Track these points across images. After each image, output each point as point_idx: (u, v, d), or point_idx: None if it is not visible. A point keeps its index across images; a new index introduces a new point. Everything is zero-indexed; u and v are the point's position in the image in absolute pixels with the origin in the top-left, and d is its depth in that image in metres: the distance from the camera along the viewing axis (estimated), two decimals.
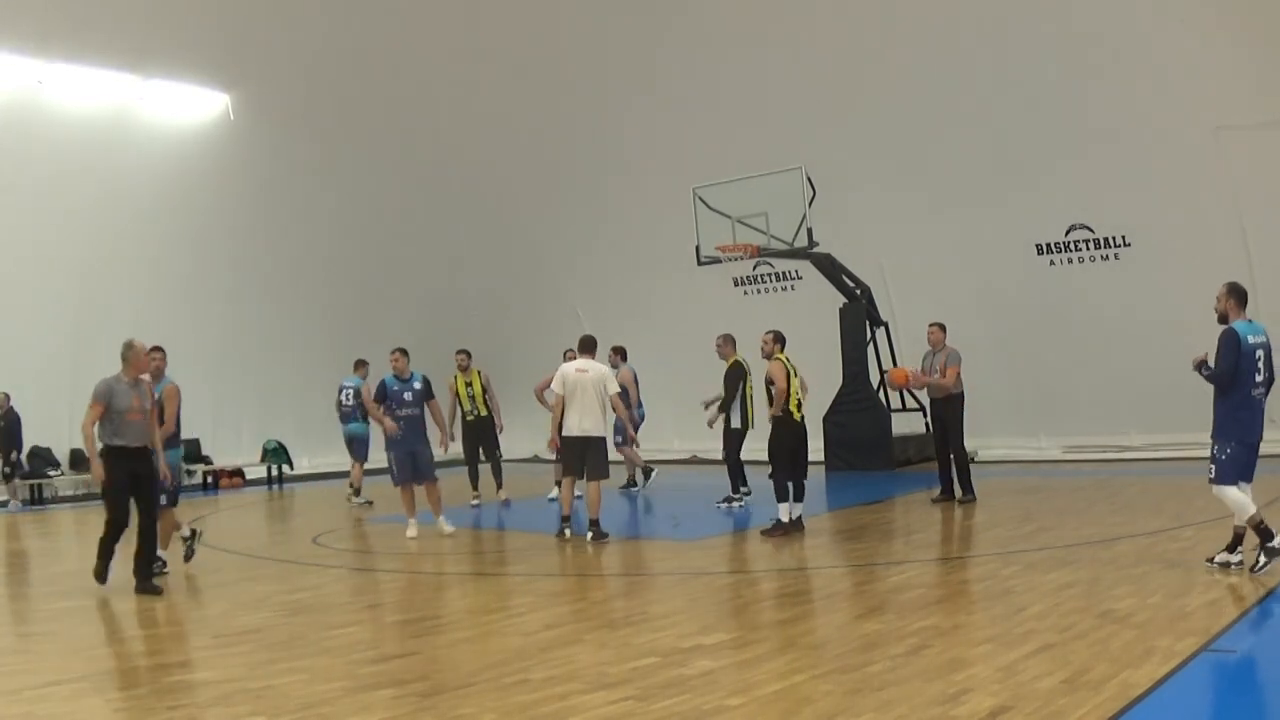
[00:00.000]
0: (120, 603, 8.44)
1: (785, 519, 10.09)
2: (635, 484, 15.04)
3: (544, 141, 21.68)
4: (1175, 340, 15.90)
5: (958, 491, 11.93)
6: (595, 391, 10.35)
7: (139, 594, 8.17)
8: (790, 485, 10.18)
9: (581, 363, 10.56)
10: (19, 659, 6.31)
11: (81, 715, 5.08)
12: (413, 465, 11.11)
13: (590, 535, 10.14)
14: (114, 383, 8.46)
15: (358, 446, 15.42)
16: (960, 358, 11.94)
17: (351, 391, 15.26)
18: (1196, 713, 4.56)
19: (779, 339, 10.72)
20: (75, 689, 5.51)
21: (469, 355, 14.37)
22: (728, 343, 12.64)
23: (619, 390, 10.85)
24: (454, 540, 10.96)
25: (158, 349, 9.53)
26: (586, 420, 10.28)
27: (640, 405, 14.52)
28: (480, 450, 14.38)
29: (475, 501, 14.06)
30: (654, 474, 15.20)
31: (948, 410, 11.92)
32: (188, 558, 9.49)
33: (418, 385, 11.31)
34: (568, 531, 10.36)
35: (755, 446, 12.27)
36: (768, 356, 10.61)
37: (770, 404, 10.45)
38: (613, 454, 11.21)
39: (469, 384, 14.16)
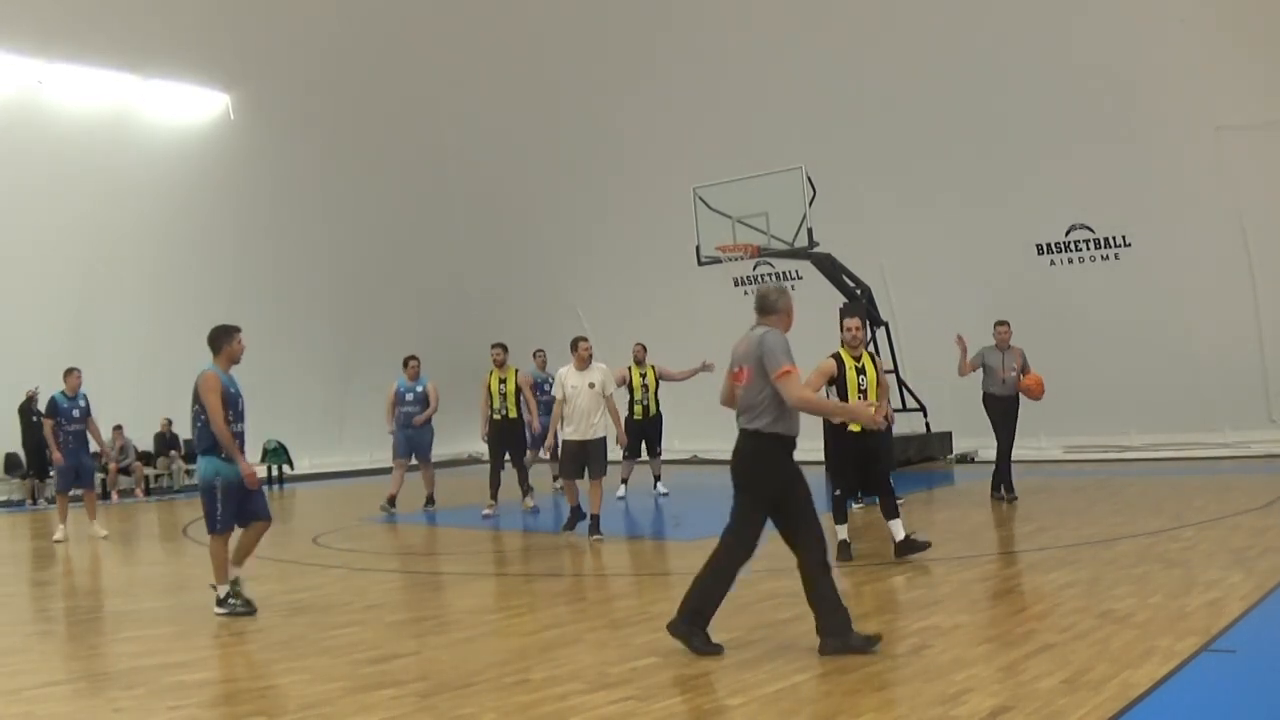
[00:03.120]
0: (120, 603, 8.44)
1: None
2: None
3: (544, 141, 21.69)
4: (1175, 340, 15.98)
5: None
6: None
7: (831, 653, 5.49)
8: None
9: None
10: (19, 659, 6.30)
11: (81, 715, 5.08)
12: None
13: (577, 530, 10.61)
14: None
15: None
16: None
17: None
18: (1196, 713, 4.56)
19: None
20: (75, 689, 5.51)
21: (505, 350, 13.12)
22: None
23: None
24: (454, 540, 10.98)
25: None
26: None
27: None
28: (507, 454, 12.97)
29: (488, 511, 12.64)
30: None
31: (1014, 409, 11.65)
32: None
33: (420, 388, 13.39)
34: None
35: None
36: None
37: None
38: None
39: (503, 380, 12.86)
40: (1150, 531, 9.04)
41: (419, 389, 13.56)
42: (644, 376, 13.88)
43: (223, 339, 7.40)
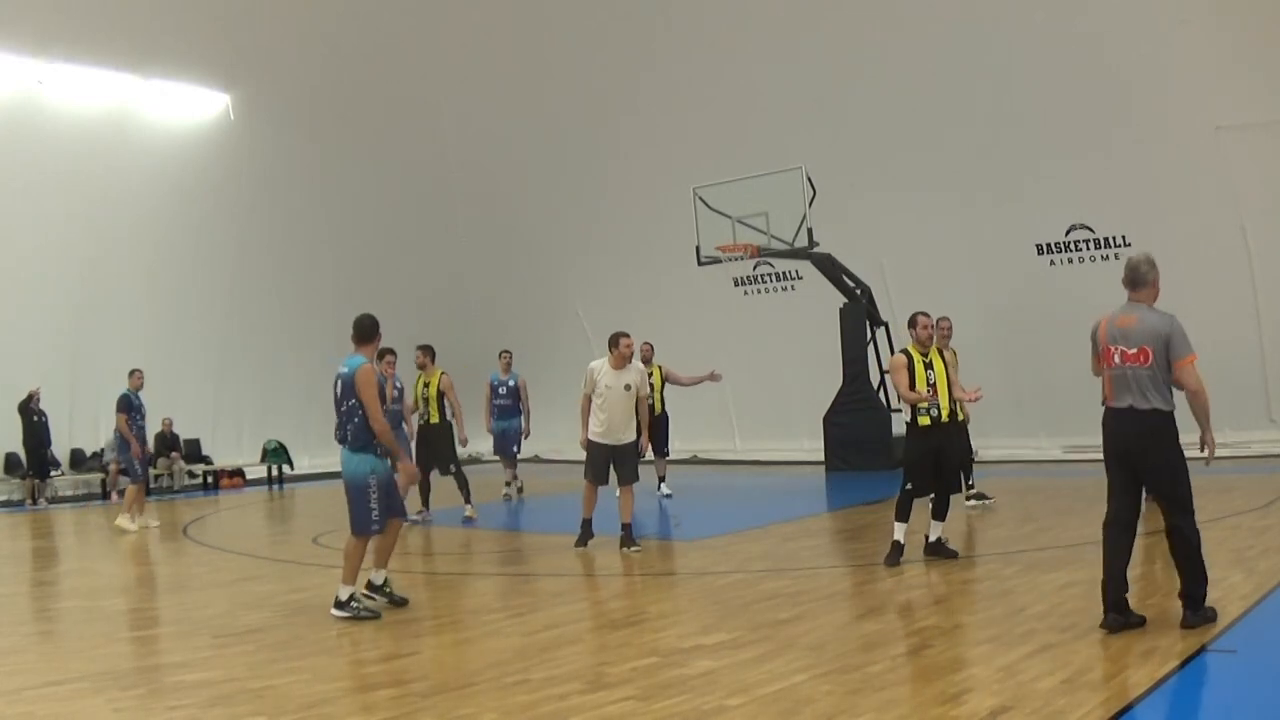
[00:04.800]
0: (120, 602, 8.45)
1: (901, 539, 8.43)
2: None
3: (544, 141, 21.69)
4: None
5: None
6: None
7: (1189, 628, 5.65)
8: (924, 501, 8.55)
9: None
10: (19, 659, 6.31)
11: (81, 715, 5.08)
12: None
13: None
14: None
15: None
16: None
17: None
18: (1196, 713, 4.56)
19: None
20: (75, 689, 5.51)
21: (422, 351, 12.66)
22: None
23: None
24: (454, 540, 10.98)
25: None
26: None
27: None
28: (431, 461, 12.41)
29: (415, 516, 11.87)
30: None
31: None
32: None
33: (399, 384, 12.16)
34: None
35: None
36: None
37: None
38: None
39: (426, 384, 12.48)
40: (1150, 531, 9.03)
41: (398, 385, 12.54)
42: (650, 376, 13.68)
43: (377, 329, 7.16)
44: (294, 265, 21.13)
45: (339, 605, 7.04)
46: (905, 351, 8.57)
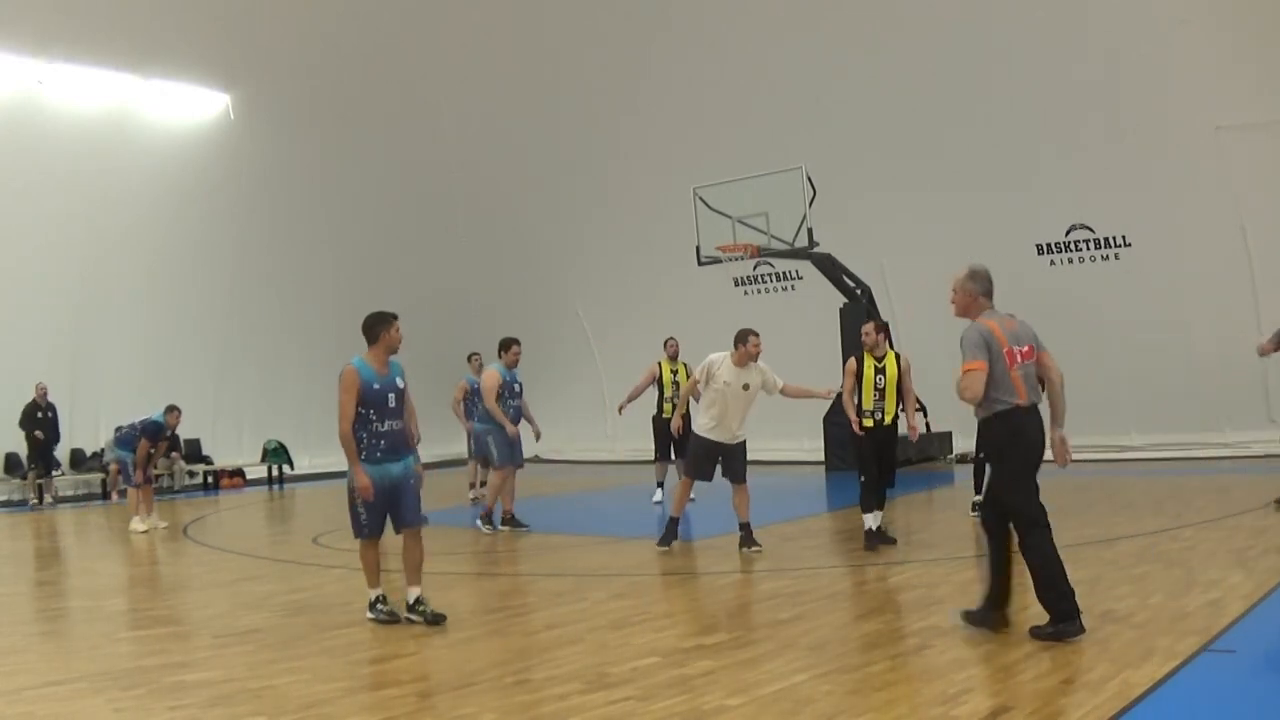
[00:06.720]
0: (120, 602, 8.45)
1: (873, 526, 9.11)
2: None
3: (544, 141, 21.69)
4: (1175, 340, 15.98)
5: None
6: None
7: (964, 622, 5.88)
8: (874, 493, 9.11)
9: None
10: (19, 659, 6.30)
11: (81, 715, 5.08)
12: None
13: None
14: None
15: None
16: None
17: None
18: (1196, 713, 4.56)
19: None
20: (75, 689, 5.51)
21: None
22: None
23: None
24: (453, 540, 10.97)
25: None
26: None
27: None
28: None
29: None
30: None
31: None
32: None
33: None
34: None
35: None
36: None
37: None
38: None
39: None
40: (1150, 531, 9.05)
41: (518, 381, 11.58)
42: (675, 374, 13.31)
43: (378, 326, 6.86)
44: (294, 265, 21.12)
45: (369, 608, 6.95)
46: (859, 358, 9.25)
